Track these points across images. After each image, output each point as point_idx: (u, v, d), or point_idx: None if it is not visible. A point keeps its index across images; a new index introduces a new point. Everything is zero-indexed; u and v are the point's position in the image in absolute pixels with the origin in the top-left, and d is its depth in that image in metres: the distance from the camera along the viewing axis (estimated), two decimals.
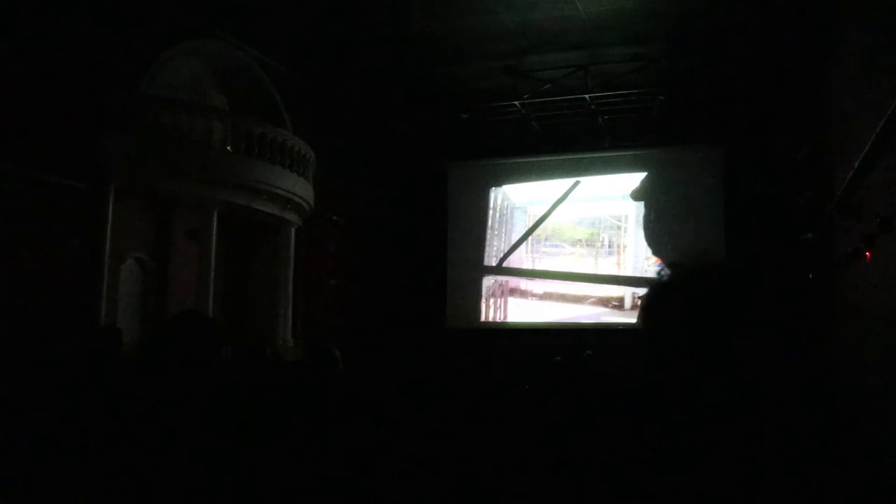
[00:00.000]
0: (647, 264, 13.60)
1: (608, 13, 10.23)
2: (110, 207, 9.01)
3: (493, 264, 14.55)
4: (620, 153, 13.63)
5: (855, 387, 8.33)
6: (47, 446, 1.95)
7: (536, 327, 13.54)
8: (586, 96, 11.94)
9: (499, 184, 14.73)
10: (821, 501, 0.99)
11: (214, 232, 10.24)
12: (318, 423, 2.07)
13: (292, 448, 1.93)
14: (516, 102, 12.31)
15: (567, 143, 13.70)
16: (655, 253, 13.47)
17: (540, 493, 1.15)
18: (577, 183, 14.13)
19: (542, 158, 14.24)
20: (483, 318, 14.24)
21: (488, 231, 14.73)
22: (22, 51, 7.82)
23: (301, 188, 11.36)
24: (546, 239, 14.55)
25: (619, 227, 14.15)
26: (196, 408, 1.84)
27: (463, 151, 14.40)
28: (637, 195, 13.74)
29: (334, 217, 13.29)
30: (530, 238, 14.56)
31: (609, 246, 14.12)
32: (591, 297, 13.90)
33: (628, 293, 13.67)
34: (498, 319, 14.12)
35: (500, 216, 14.83)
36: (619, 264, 14.00)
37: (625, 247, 14.02)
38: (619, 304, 13.71)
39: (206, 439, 1.77)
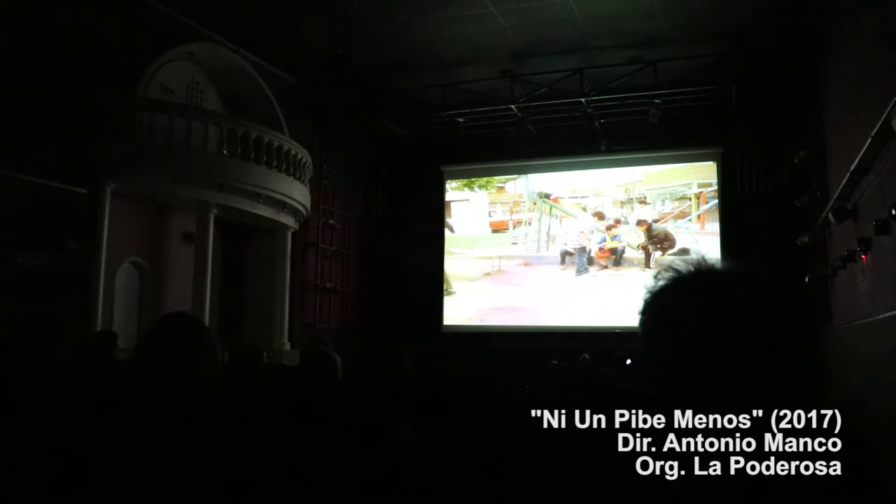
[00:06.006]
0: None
1: (604, 16, 10.24)
2: (106, 211, 8.99)
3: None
4: (617, 157, 13.63)
5: (850, 391, 8.33)
6: (42, 450, 1.93)
7: (534, 330, 13.50)
8: (582, 100, 11.95)
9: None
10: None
11: (211, 235, 10.22)
12: (316, 432, 2.05)
13: (287, 461, 1.90)
14: (512, 106, 12.31)
15: (563, 147, 13.70)
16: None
17: None
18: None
19: (539, 162, 14.24)
20: (479, 322, 14.18)
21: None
22: (18, 54, 7.80)
23: (297, 192, 11.36)
24: None
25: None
26: (182, 414, 1.80)
27: (459, 155, 14.38)
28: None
29: (331, 221, 13.28)
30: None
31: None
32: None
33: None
34: (495, 322, 14.05)
35: None
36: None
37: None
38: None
39: (191, 449, 1.73)
